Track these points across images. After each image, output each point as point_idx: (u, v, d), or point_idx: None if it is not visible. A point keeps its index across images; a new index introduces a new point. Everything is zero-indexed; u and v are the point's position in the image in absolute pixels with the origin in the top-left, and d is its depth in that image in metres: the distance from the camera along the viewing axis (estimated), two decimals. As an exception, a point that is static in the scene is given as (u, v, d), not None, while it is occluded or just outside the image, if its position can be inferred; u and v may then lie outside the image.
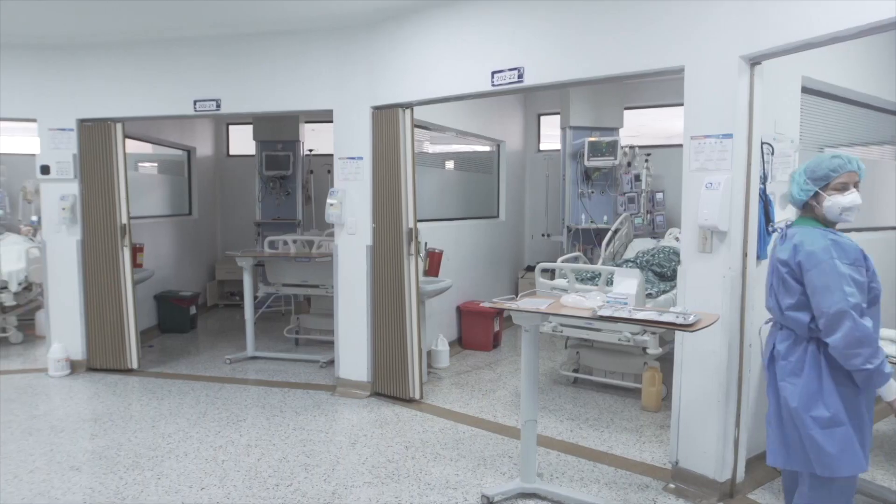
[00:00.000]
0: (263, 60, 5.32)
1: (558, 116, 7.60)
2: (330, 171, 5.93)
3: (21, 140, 7.99)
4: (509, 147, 7.98)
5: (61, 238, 5.76)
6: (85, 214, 5.72)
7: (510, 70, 4.13)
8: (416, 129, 5.00)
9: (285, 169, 8.30)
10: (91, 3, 4.65)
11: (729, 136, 3.24)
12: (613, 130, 7.39)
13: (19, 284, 6.81)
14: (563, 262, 5.59)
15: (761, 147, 3.34)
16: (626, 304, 3.13)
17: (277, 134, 8.34)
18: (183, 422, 4.61)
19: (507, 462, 3.93)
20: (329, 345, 5.94)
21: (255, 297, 6.49)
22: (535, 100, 8.38)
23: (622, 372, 5.22)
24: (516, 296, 3.48)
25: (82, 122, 5.68)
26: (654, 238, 6.89)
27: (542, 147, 8.61)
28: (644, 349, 4.84)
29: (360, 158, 5.10)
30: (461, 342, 6.73)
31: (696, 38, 3.34)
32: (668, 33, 3.44)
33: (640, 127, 7.92)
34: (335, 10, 4.78)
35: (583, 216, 7.36)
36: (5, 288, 6.65)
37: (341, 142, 5.21)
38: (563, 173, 7.46)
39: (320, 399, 5.14)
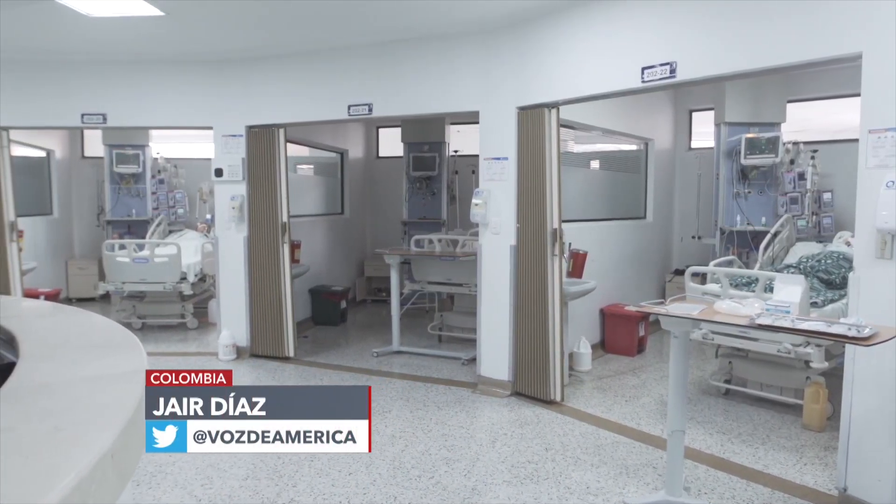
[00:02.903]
0: (413, 65, 5.51)
1: (712, 112, 7.20)
2: (474, 172, 6.03)
3: (197, 146, 8.86)
4: (658, 145, 7.67)
5: (231, 234, 6.31)
6: (251, 213, 6.21)
7: (661, 65, 3.96)
8: (561, 129, 4.95)
9: (431, 170, 8.55)
10: (265, 21, 5.05)
11: (916, 129, 2.91)
12: (774, 126, 6.85)
13: (196, 276, 7.57)
14: (715, 265, 5.29)
15: (956, 141, 2.97)
16: (788, 312, 2.91)
17: (424, 136, 8.60)
18: (333, 409, 4.90)
19: (651, 472, 3.79)
20: (471, 343, 6.03)
21: (401, 294, 6.72)
22: (686, 95, 7.98)
23: (780, 386, 4.84)
24: (664, 300, 3.36)
25: (250, 129, 6.17)
26: (821, 242, 6.31)
27: (693, 145, 8.18)
28: (807, 362, 4.46)
29: (506, 159, 5.13)
30: (604, 346, 6.57)
31: (876, 20, 3.02)
32: (842, 17, 3.15)
33: (805, 121, 7.30)
34: (482, 12, 4.84)
35: (738, 218, 6.91)
36: (184, 279, 7.41)
37: (486, 142, 5.28)
38: (717, 172, 7.04)
39: (462, 396, 5.24)
